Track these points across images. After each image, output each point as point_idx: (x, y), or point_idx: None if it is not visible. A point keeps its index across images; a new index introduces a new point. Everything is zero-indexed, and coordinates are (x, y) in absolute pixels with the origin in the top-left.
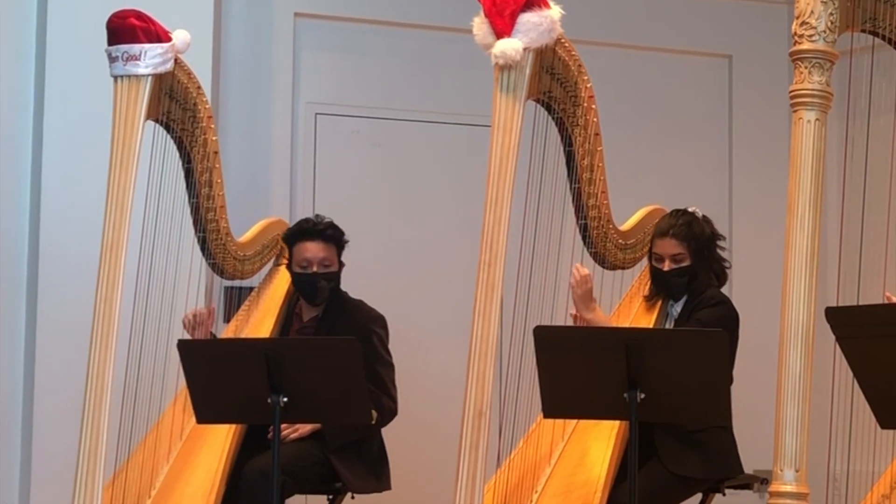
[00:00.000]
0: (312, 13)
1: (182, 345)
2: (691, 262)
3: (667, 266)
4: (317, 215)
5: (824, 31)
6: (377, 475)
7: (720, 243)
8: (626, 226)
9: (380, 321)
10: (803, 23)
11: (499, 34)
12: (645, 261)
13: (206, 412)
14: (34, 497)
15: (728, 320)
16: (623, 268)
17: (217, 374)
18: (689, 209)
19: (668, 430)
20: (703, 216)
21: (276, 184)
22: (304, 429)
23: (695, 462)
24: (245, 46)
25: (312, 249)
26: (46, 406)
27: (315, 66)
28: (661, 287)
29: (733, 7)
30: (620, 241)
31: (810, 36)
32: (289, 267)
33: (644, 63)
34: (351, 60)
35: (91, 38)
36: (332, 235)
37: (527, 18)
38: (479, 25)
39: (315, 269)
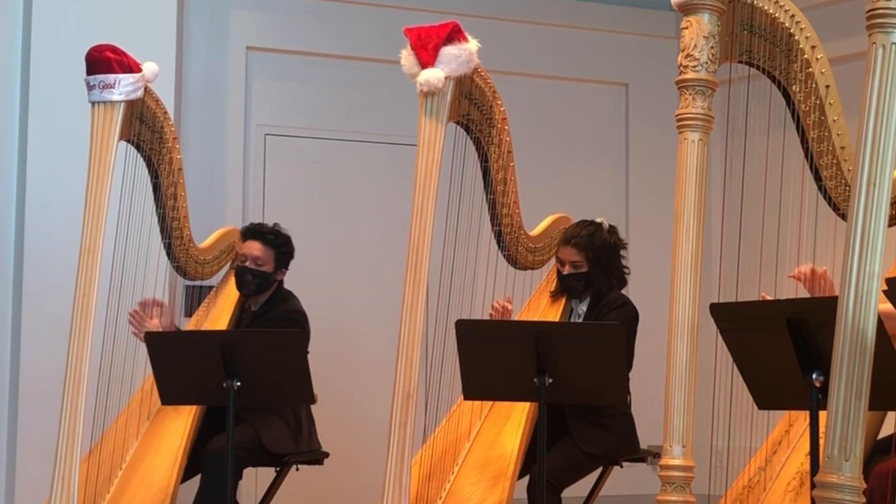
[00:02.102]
0: (262, 47)
1: (149, 336)
2: (588, 269)
3: (567, 270)
4: (275, 224)
5: (706, 63)
6: (294, 439)
7: (623, 252)
8: (535, 231)
9: (298, 317)
10: (688, 55)
11: (423, 65)
12: (552, 261)
13: (170, 395)
14: (20, 470)
15: (630, 319)
16: (533, 268)
17: (179, 362)
18: (597, 220)
19: (580, 416)
20: (610, 227)
21: (230, 195)
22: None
23: (603, 442)
24: (203, 76)
25: (250, 247)
26: (31, 390)
27: (264, 93)
28: (563, 287)
29: (629, 41)
30: (530, 244)
31: (694, 66)
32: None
33: (553, 90)
34: (296, 88)
35: (71, 66)
36: (271, 241)
37: (448, 51)
38: (406, 57)
39: (248, 264)
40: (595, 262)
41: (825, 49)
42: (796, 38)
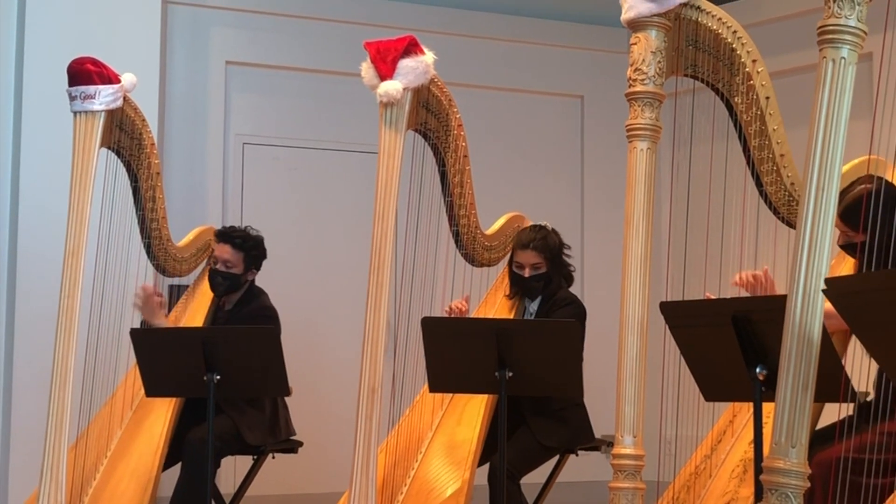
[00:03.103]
0: (241, 61)
1: (134, 332)
2: (547, 269)
3: (527, 273)
4: (247, 227)
5: (654, 76)
6: (271, 430)
7: (566, 251)
8: (490, 230)
9: (268, 313)
10: (636, 69)
11: (383, 77)
12: (507, 258)
13: (154, 388)
14: (13, 458)
15: (579, 316)
16: (489, 265)
17: (163, 357)
18: (542, 224)
19: (538, 409)
20: (553, 228)
21: (211, 199)
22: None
23: (560, 434)
24: (185, 88)
25: (221, 250)
26: (23, 383)
27: (242, 105)
28: (521, 290)
29: (584, 56)
30: (486, 243)
31: (642, 80)
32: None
33: (513, 102)
34: (271, 100)
35: (61, 78)
36: (240, 244)
37: (405, 63)
38: (367, 70)
39: (219, 266)
40: (552, 262)
41: (766, 63)
42: (738, 52)
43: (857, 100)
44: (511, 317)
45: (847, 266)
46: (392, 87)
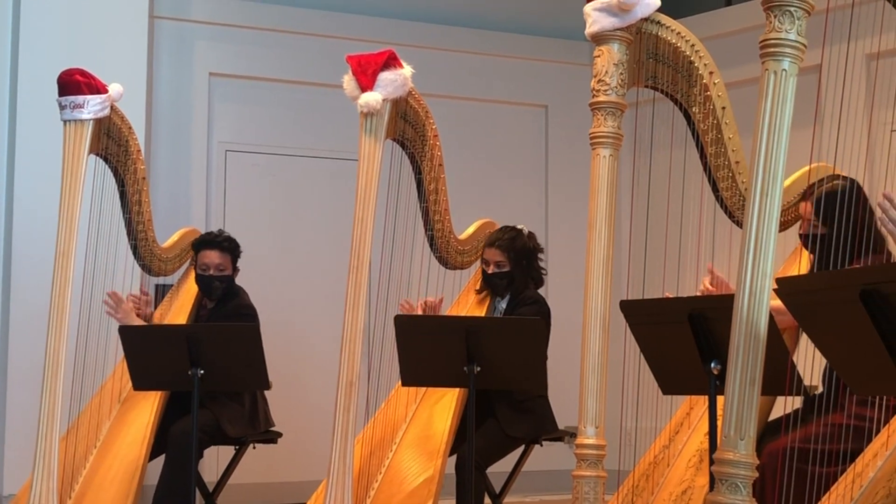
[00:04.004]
0: (223, 73)
1: (122, 329)
2: (510, 269)
3: (491, 270)
4: (220, 230)
5: (616, 87)
6: (251, 422)
7: (540, 256)
8: (463, 235)
9: (248, 310)
10: (600, 80)
11: (363, 88)
12: (479, 262)
13: (142, 382)
14: (7, 448)
15: (542, 315)
16: (462, 268)
17: (150, 353)
18: (518, 226)
19: (504, 401)
20: (529, 233)
21: (195, 203)
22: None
23: (524, 425)
24: (171, 97)
25: (211, 256)
26: (16, 377)
27: (225, 114)
28: (486, 285)
29: (549, 67)
30: (459, 247)
31: (605, 90)
32: (195, 267)
33: (481, 111)
34: (252, 109)
35: (54, 88)
36: (227, 247)
37: (385, 76)
38: (348, 82)
39: (212, 272)
40: (516, 262)
41: (722, 75)
42: (696, 65)
43: (804, 109)
44: (482, 314)
45: (800, 264)
46: (372, 98)
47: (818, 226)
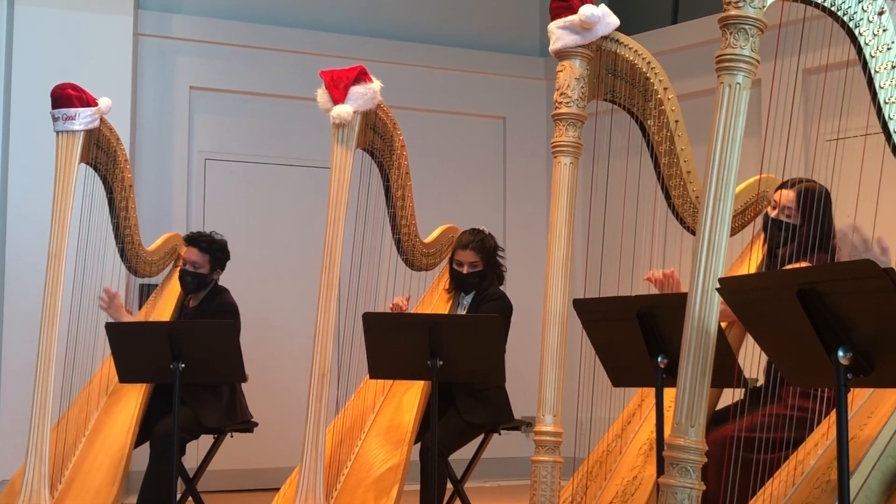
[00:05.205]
0: (203, 87)
1: (109, 326)
2: (483, 268)
3: (465, 270)
4: (212, 232)
5: (577, 100)
6: (228, 414)
7: (500, 253)
8: (428, 239)
9: (230, 308)
10: (562, 93)
11: (335, 101)
12: (443, 263)
13: (127, 375)
14: (2, 437)
15: (505, 310)
16: (427, 269)
17: (134, 348)
18: (481, 228)
19: (464, 392)
20: (489, 233)
21: (176, 209)
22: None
23: (482, 412)
24: (154, 110)
25: (189, 253)
26: (11, 371)
27: (205, 125)
28: (459, 285)
29: (506, 82)
30: (425, 250)
31: (567, 103)
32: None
33: (444, 122)
34: (231, 120)
35: (46, 101)
36: (206, 248)
37: (356, 90)
38: (321, 95)
39: (188, 267)
40: (488, 262)
41: (676, 87)
42: (651, 81)
43: (747, 121)
44: (447, 310)
45: (750, 265)
46: (343, 111)
47: (794, 216)
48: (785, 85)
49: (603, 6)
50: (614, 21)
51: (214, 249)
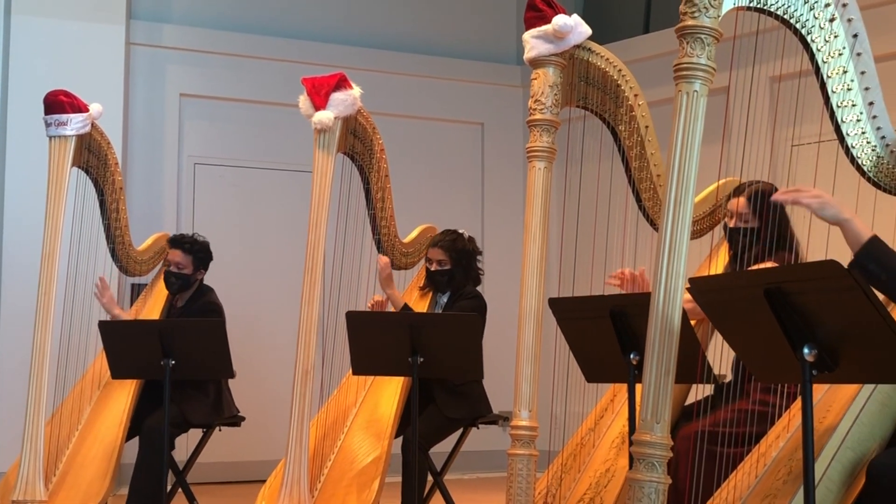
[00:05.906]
0: (193, 94)
1: (102, 324)
2: (451, 267)
3: (434, 267)
4: (194, 234)
5: (551, 106)
6: (215, 410)
7: (479, 258)
8: (407, 239)
9: (214, 307)
10: (536, 100)
11: (317, 108)
12: (422, 262)
13: (118, 371)
14: None
15: (479, 308)
16: (406, 268)
17: (126, 344)
18: (459, 230)
19: (443, 387)
20: (469, 237)
21: (166, 211)
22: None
23: (461, 408)
24: (145, 116)
25: (174, 255)
26: (6, 367)
27: (194, 130)
28: (429, 282)
29: (484, 88)
30: (404, 249)
31: (541, 109)
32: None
33: (424, 128)
34: (219, 126)
35: (41, 107)
36: (188, 249)
37: (336, 96)
38: (303, 101)
39: (172, 268)
40: (457, 261)
41: (646, 94)
42: (622, 88)
43: (714, 128)
44: (425, 309)
45: (717, 266)
46: (325, 116)
47: (750, 220)
48: (753, 92)
49: (576, 16)
50: (586, 31)
51: (197, 250)
